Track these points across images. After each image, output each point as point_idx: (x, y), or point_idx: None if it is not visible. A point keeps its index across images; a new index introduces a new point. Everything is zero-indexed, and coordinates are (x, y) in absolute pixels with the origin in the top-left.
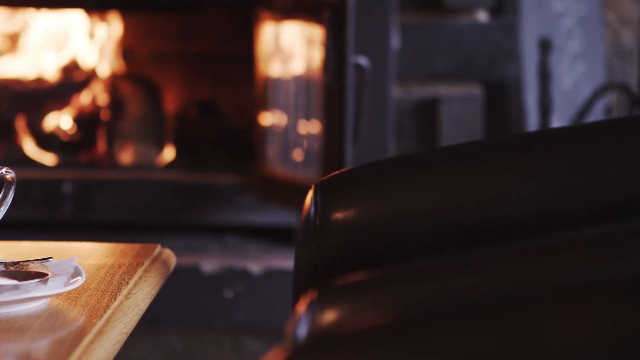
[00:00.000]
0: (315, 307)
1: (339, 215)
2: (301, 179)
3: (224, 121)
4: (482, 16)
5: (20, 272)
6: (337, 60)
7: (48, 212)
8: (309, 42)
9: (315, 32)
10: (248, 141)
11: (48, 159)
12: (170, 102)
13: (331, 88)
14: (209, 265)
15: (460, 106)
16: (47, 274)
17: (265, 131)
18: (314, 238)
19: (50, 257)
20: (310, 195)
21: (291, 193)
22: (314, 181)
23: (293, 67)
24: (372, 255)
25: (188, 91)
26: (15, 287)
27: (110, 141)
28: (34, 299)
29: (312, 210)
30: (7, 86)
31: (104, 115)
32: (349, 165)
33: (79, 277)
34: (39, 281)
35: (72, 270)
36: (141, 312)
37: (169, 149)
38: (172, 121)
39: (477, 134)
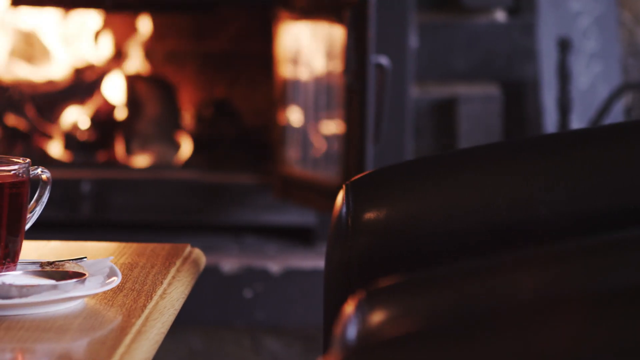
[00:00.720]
0: (365, 308)
1: (371, 215)
2: (321, 178)
3: (239, 121)
4: (500, 16)
5: (57, 272)
6: (358, 60)
7: (66, 211)
8: (328, 41)
9: (335, 32)
10: (264, 141)
11: (65, 158)
12: (186, 101)
13: (352, 88)
14: (229, 264)
15: (478, 106)
16: (84, 274)
17: (283, 131)
18: (346, 238)
19: (85, 257)
20: (341, 195)
21: (310, 193)
22: (334, 181)
23: (312, 66)
24: (404, 255)
25: (203, 91)
26: (54, 287)
27: (128, 141)
28: (72, 298)
29: (344, 210)
30: (23, 87)
31: (121, 115)
32: (370, 165)
33: (115, 277)
34: (77, 281)
35: (107, 270)
36: (176, 312)
37: (186, 148)
38: (188, 121)
39: (495, 134)
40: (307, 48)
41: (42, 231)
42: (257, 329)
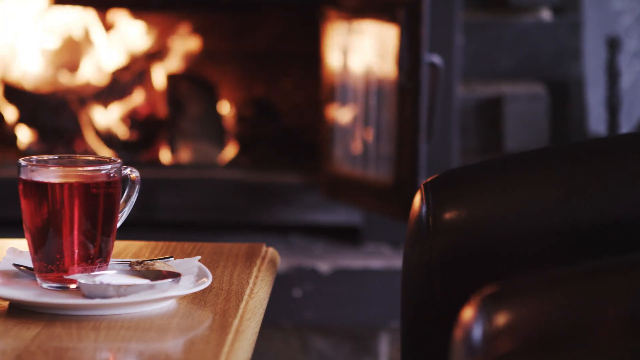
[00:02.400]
0: (489, 310)
1: (451, 215)
2: (370, 178)
3: (280, 120)
4: (546, 15)
5: (150, 271)
6: (412, 59)
7: None
8: (378, 41)
9: (386, 31)
10: (306, 140)
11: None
12: (226, 101)
13: (405, 87)
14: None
15: (524, 105)
16: (179, 274)
17: (331, 130)
18: (427, 238)
19: (171, 257)
20: (419, 195)
21: (359, 192)
22: (384, 180)
23: (360, 66)
24: (484, 254)
25: (243, 90)
26: (151, 286)
27: (171, 140)
28: (168, 298)
29: (424, 209)
30: (64, 87)
31: (163, 115)
32: (423, 164)
33: (206, 277)
34: (172, 280)
35: (196, 269)
36: (263, 312)
37: (230, 147)
38: (230, 120)
39: (541, 133)
40: (356, 47)
41: None
42: (305, 328)
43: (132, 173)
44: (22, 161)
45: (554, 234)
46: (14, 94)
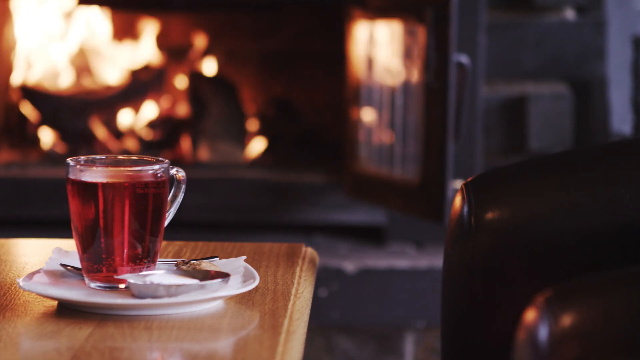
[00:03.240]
0: (554, 310)
1: (493, 215)
2: (396, 177)
3: (301, 120)
4: (570, 14)
5: (199, 271)
6: (439, 59)
7: None
8: (403, 40)
9: (412, 31)
10: (328, 139)
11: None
12: (247, 100)
13: (432, 86)
14: None
15: (548, 104)
16: (228, 274)
17: (355, 129)
18: (468, 237)
19: (217, 257)
20: (460, 195)
21: (385, 192)
22: (411, 180)
23: (385, 65)
24: (526, 254)
25: (264, 90)
26: (202, 286)
27: (194, 140)
28: (218, 298)
29: (466, 209)
30: (86, 87)
31: (186, 114)
32: (451, 164)
33: (254, 278)
34: (222, 280)
35: (242, 269)
36: (309, 312)
37: (252, 147)
38: (252, 120)
39: (566, 133)
40: (381, 47)
41: None
42: (330, 328)
43: (179, 173)
44: (70, 161)
45: (596, 235)
46: (35, 95)
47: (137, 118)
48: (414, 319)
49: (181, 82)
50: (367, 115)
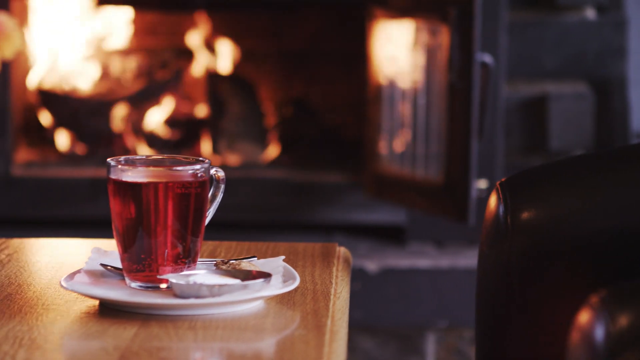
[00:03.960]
0: (612, 310)
1: (530, 214)
2: (418, 177)
3: (319, 119)
4: (590, 13)
5: (240, 271)
6: (463, 59)
7: None
8: (424, 40)
9: (436, 30)
10: (347, 139)
11: None
12: (265, 100)
13: (456, 86)
14: None
15: (569, 104)
16: (270, 274)
17: (377, 129)
18: (505, 237)
19: (255, 256)
20: (495, 195)
21: (407, 191)
22: (434, 179)
23: (407, 65)
24: (563, 254)
25: (282, 89)
26: (245, 286)
27: (214, 140)
28: (260, 298)
29: (502, 209)
30: (104, 88)
31: (205, 114)
32: (474, 163)
33: (293, 277)
34: (264, 280)
35: (281, 269)
36: (348, 312)
37: (272, 147)
38: (271, 119)
39: (587, 132)
40: (403, 46)
41: None
42: (352, 327)
43: (218, 172)
44: (111, 161)
45: (633, 234)
46: (53, 96)
47: (156, 118)
48: (436, 319)
49: (200, 82)
50: (388, 115)
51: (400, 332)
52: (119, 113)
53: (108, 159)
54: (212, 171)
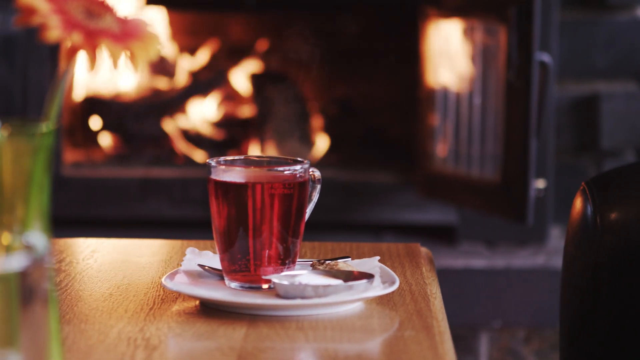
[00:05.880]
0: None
1: (619, 214)
2: (474, 176)
3: (365, 119)
4: None
5: (342, 271)
6: (522, 58)
7: (206, 211)
8: (482, 39)
9: (493, 29)
10: (393, 138)
11: (199, 158)
12: (310, 100)
13: (514, 85)
14: None
15: (620, 103)
16: (372, 275)
17: (430, 129)
18: (594, 238)
19: (349, 257)
20: (582, 195)
21: (462, 191)
22: (490, 179)
23: (461, 64)
24: None
25: (327, 89)
26: (349, 287)
27: (261, 139)
28: (365, 299)
29: (590, 209)
30: (154, 88)
31: (251, 114)
32: (533, 162)
33: (392, 278)
34: (367, 281)
35: (378, 270)
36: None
37: (319, 146)
38: (316, 119)
39: (638, 131)
40: (457, 45)
41: (182, 230)
42: None
43: (314, 173)
44: (212, 162)
45: None
46: (98, 98)
47: (202, 119)
48: (490, 319)
49: (244, 82)
50: (441, 114)
51: (454, 332)
52: (164, 114)
53: (208, 160)
54: (310, 172)
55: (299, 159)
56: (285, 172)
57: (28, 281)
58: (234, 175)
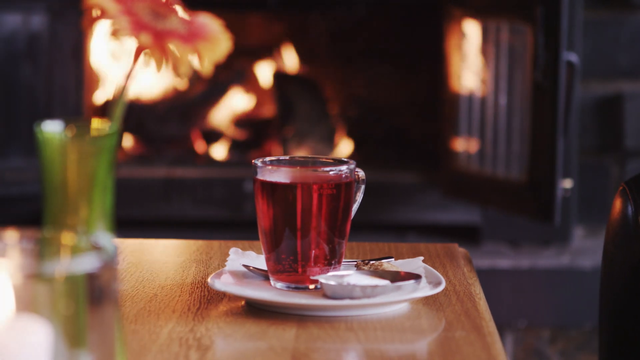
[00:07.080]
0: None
1: None
2: (500, 176)
3: (385, 119)
4: None
5: (388, 272)
6: (549, 58)
7: (230, 211)
8: (507, 39)
9: (519, 29)
10: (414, 138)
11: (221, 158)
12: (330, 100)
13: (541, 85)
14: None
15: None
16: (420, 275)
17: (455, 129)
18: (635, 237)
19: (392, 257)
20: (622, 195)
21: (487, 191)
22: (517, 178)
23: (485, 65)
24: None
25: (347, 89)
26: (398, 287)
27: (283, 140)
28: (413, 299)
29: (630, 209)
30: (172, 91)
31: (272, 114)
32: (560, 162)
33: (438, 278)
34: (415, 282)
35: (422, 270)
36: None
37: (341, 146)
38: (337, 119)
39: None
40: (482, 46)
41: (206, 230)
42: None
43: (358, 173)
44: (258, 162)
45: None
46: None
47: (222, 119)
48: (515, 319)
49: (265, 82)
50: (465, 114)
51: None
52: (185, 114)
53: (254, 160)
54: (355, 172)
55: (344, 159)
56: (331, 173)
57: (98, 282)
58: (281, 175)
